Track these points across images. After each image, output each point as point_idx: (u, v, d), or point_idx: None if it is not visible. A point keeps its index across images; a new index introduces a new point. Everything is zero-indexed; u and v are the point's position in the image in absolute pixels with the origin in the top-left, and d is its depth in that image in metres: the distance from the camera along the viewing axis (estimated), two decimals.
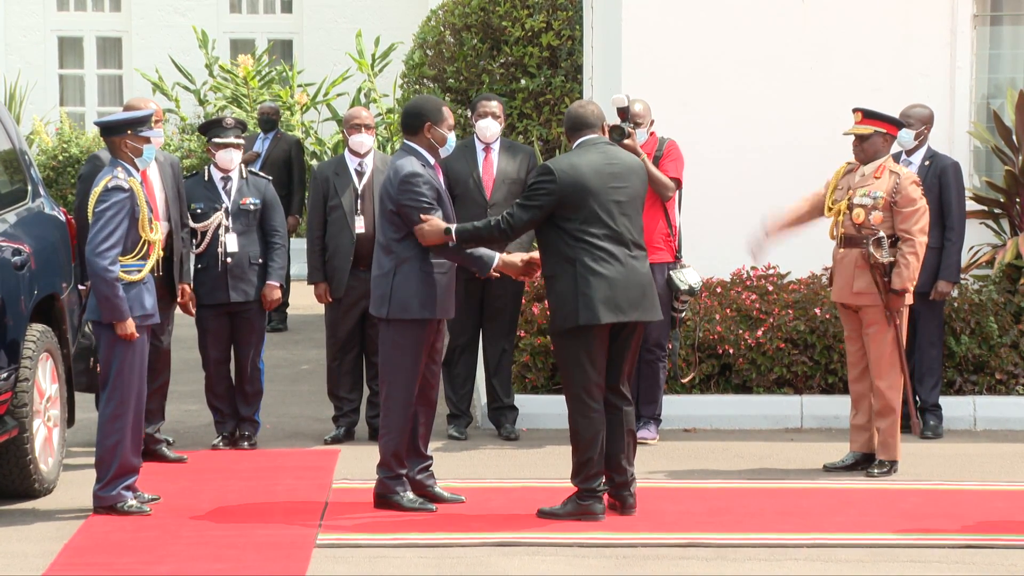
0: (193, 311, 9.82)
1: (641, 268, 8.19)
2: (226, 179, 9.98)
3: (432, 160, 8.40)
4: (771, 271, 11.11)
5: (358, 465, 9.46)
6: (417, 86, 14.38)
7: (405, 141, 8.47)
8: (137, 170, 8.41)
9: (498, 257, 8.34)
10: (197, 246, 9.88)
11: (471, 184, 10.16)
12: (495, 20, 13.72)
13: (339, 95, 19.06)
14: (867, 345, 9.21)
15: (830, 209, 9.32)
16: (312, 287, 10.26)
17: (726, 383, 10.75)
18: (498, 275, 8.53)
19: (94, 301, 8.28)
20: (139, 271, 8.30)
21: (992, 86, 11.76)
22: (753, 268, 11.07)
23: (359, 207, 10.10)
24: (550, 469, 9.32)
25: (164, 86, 19.58)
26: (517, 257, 8.39)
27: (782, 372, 10.69)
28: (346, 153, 10.29)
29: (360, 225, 10.07)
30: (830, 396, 10.66)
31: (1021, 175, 10.90)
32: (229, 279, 9.88)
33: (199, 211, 9.90)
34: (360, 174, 10.19)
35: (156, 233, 8.43)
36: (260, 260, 10.01)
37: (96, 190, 8.31)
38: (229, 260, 9.86)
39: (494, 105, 10.27)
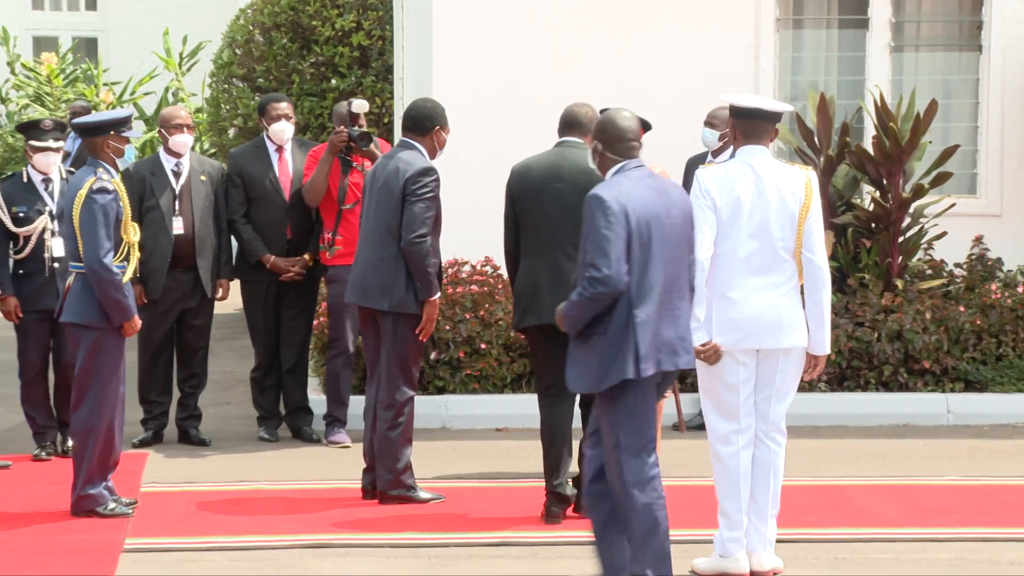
0: (17, 317, 9.51)
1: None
2: (47, 181, 9.56)
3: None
4: None
5: (167, 468, 9.34)
6: (226, 85, 14.25)
7: (408, 139, 8.55)
8: (117, 171, 8.28)
9: (437, 295, 8.48)
10: (19, 251, 9.49)
11: (268, 186, 10.15)
12: (305, 19, 13.64)
13: (146, 94, 18.82)
14: None
15: None
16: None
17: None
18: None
19: (76, 304, 8.17)
20: (123, 272, 8.23)
21: (795, 88, 12.00)
22: None
23: (177, 208, 9.96)
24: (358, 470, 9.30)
25: None
26: (435, 312, 8.49)
27: None
28: (161, 153, 10.13)
29: (179, 226, 9.93)
30: None
31: (822, 176, 11.13)
32: (56, 285, 9.38)
33: (21, 215, 9.47)
34: (177, 175, 10.04)
35: (136, 234, 8.37)
36: None
37: (81, 192, 8.16)
38: (56, 265, 9.54)
39: (285, 107, 10.30)
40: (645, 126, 9.42)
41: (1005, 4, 11.79)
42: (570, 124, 8.32)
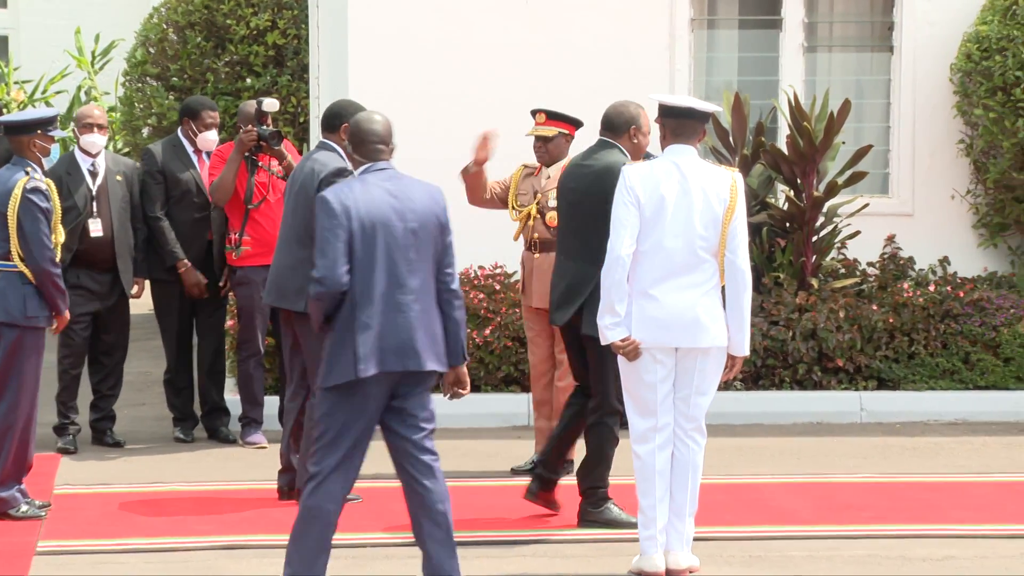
0: None
1: None
2: None
3: (347, 163, 8.37)
4: (498, 270, 11.22)
5: (81, 470, 9.26)
6: (140, 84, 14.12)
7: (324, 139, 8.50)
8: (43, 170, 8.18)
9: None
10: None
11: (190, 185, 10.10)
12: (219, 18, 13.55)
13: (58, 93, 18.59)
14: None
15: (516, 211, 9.38)
16: None
17: None
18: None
19: (16, 301, 8.12)
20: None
21: (710, 88, 12.06)
22: (480, 268, 11.15)
23: (94, 209, 9.86)
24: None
25: None
26: None
27: (509, 370, 10.80)
28: (76, 152, 10.04)
29: (96, 228, 9.83)
30: None
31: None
32: None
33: None
34: (94, 175, 9.95)
35: (62, 236, 8.34)
36: None
37: (16, 192, 8.09)
38: None
39: (216, 115, 10.30)
40: (576, 123, 9.47)
41: (916, 5, 11.91)
42: (603, 125, 8.28)
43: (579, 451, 8.40)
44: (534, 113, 9.43)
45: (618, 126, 8.18)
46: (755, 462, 9.72)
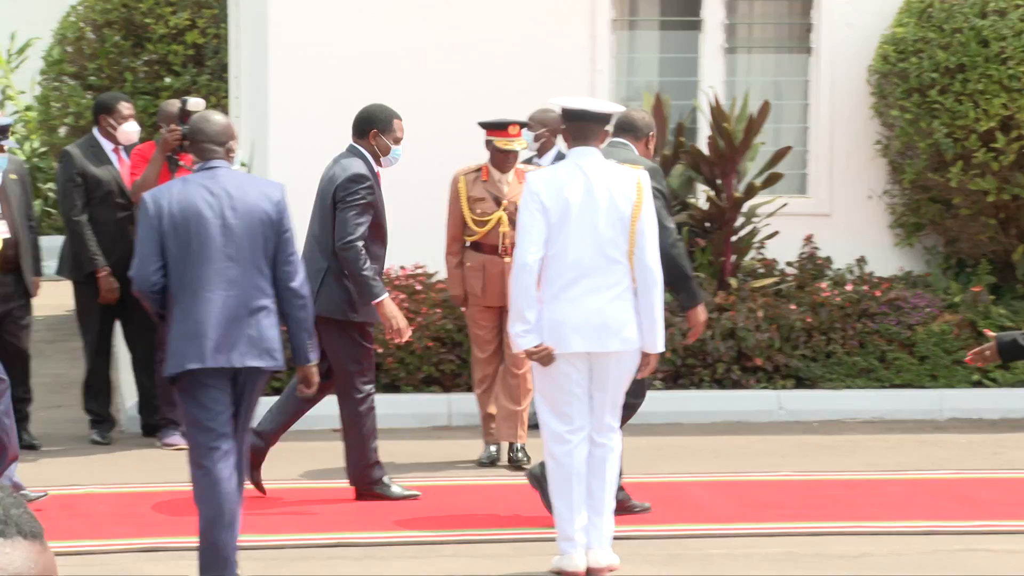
0: None
1: None
2: None
3: (376, 167, 8.45)
4: (419, 270, 11.20)
5: None
6: (57, 83, 14.02)
7: (353, 144, 8.52)
8: None
9: (385, 296, 8.41)
10: None
11: (112, 186, 10.03)
12: (138, 17, 13.47)
13: None
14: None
15: (478, 221, 9.37)
16: None
17: (376, 382, 10.77)
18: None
19: None
20: None
21: (631, 89, 12.10)
22: (402, 268, 11.14)
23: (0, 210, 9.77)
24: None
25: None
26: (394, 311, 8.38)
27: (430, 371, 10.80)
28: None
29: (4, 229, 9.72)
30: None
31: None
32: None
33: None
34: None
35: None
36: None
37: None
38: None
39: (132, 106, 10.25)
40: (525, 124, 9.48)
41: (834, 8, 12.00)
42: (619, 126, 8.31)
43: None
44: (505, 125, 9.35)
45: (639, 129, 8.24)
46: (675, 461, 9.77)
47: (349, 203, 8.31)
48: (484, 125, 9.45)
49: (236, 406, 6.79)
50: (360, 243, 8.28)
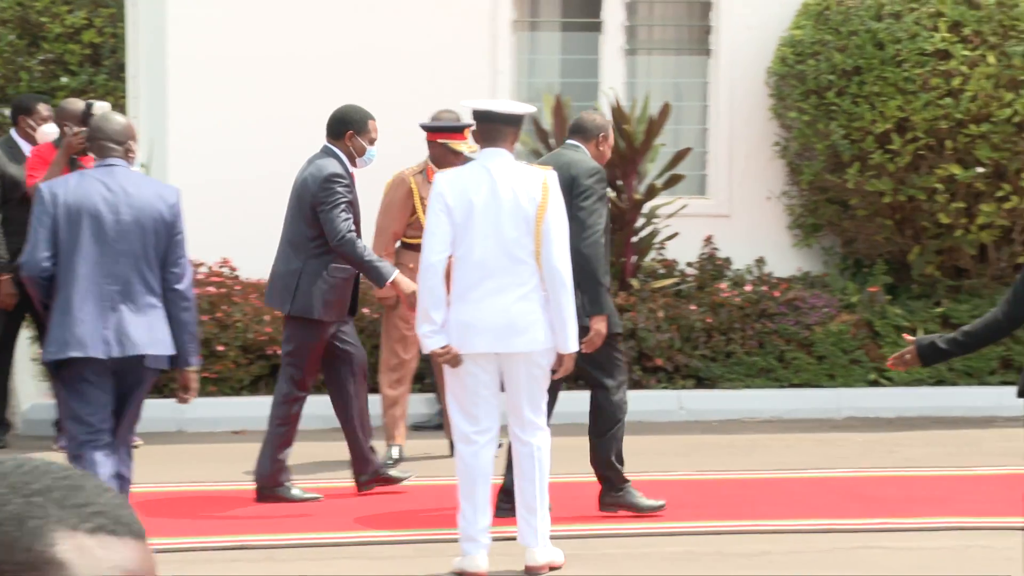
0: None
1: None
2: None
3: (350, 167, 8.40)
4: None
5: None
6: None
7: (327, 144, 8.46)
8: None
9: (396, 273, 8.32)
10: None
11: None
12: (33, 16, 13.32)
13: None
14: None
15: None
16: None
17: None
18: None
19: None
20: None
21: (532, 90, 12.12)
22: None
23: None
24: None
25: None
26: (411, 284, 8.23)
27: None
28: None
29: None
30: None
31: None
32: None
33: None
34: None
35: None
36: None
37: None
38: None
39: (49, 108, 10.23)
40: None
41: (733, 10, 12.09)
42: (571, 128, 8.37)
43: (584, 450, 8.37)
44: (461, 128, 9.32)
45: (589, 131, 8.26)
46: (573, 460, 9.77)
47: (331, 202, 8.28)
48: (440, 129, 9.34)
49: (119, 403, 6.76)
50: (353, 234, 8.27)
